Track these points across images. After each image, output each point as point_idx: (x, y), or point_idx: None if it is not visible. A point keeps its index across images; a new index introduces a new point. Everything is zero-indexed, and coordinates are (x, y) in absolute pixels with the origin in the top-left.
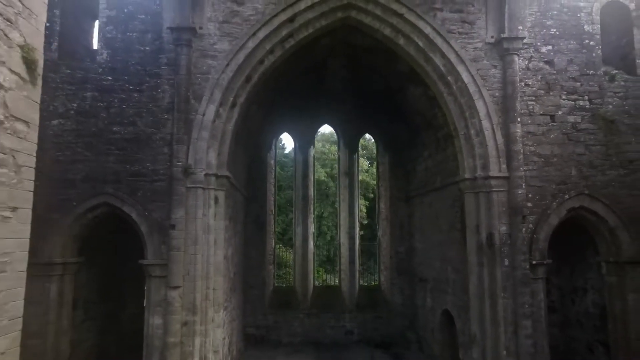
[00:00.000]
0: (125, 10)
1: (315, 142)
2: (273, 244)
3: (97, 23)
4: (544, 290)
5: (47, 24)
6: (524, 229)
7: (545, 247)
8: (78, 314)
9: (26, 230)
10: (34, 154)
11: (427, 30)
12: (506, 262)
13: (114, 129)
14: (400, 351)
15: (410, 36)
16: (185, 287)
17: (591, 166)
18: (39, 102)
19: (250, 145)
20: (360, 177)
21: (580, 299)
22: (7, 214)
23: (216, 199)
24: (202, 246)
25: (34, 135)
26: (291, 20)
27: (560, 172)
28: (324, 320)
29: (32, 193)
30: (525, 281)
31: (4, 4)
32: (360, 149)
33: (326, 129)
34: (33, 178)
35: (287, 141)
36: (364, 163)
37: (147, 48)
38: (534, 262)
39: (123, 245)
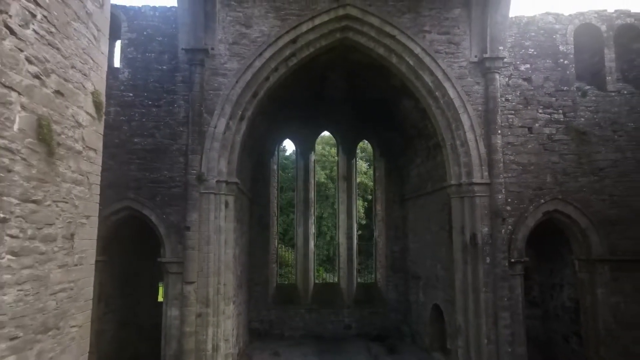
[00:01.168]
0: (145, 33)
1: (316, 146)
2: (276, 244)
3: (119, 44)
4: (521, 285)
5: None
6: (503, 230)
7: (523, 247)
8: (100, 307)
9: (95, 232)
10: (99, 174)
11: (417, 50)
12: (487, 260)
13: (135, 140)
14: (395, 343)
15: (402, 55)
16: (199, 283)
17: (565, 173)
18: (102, 133)
19: (255, 152)
20: (359, 179)
21: (558, 294)
22: (84, 221)
23: (226, 203)
24: (214, 246)
25: (99, 160)
26: (294, 41)
27: (537, 179)
28: (324, 315)
29: (98, 204)
30: (504, 277)
31: (81, 63)
32: (359, 151)
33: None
34: (99, 193)
35: (288, 144)
36: (362, 165)
37: (164, 67)
38: (512, 260)
39: (140, 246)
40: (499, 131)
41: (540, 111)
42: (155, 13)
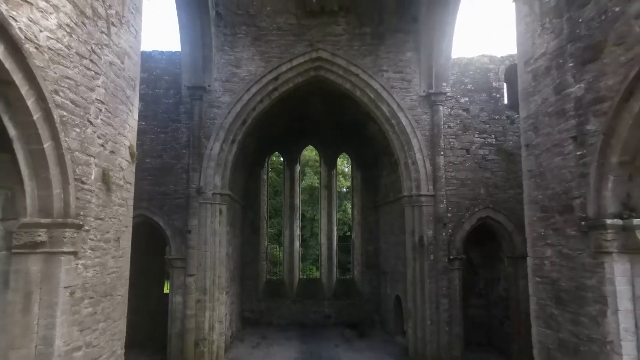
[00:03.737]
0: (154, 73)
1: (309, 152)
2: (265, 244)
3: None
4: (459, 277)
5: None
6: (444, 233)
7: (461, 246)
8: None
9: (130, 236)
10: (132, 198)
11: (377, 86)
12: (431, 257)
13: (147, 160)
14: (366, 329)
15: (364, 90)
16: (198, 275)
17: (495, 187)
18: (134, 171)
19: (246, 165)
20: (348, 183)
21: (497, 286)
22: (124, 229)
23: (220, 211)
24: (210, 245)
25: (132, 189)
26: (275, 79)
27: (473, 191)
28: (307, 306)
29: (132, 218)
30: (444, 271)
31: (122, 129)
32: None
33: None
34: (132, 210)
35: None
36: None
37: (170, 101)
38: (451, 257)
39: (150, 246)
40: (442, 152)
41: (476, 136)
42: (163, 57)
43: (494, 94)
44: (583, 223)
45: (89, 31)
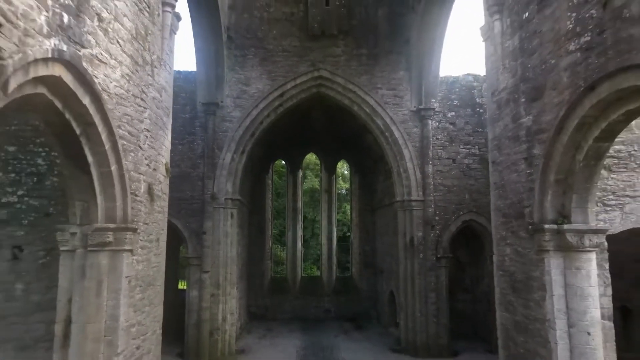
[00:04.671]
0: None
1: (310, 154)
2: (270, 244)
3: None
4: (446, 274)
5: None
6: (432, 234)
7: (447, 246)
8: None
9: (165, 237)
10: (167, 206)
11: (372, 102)
12: (421, 256)
13: None
14: (363, 323)
15: (361, 105)
16: (212, 272)
17: (479, 193)
18: (168, 184)
19: (254, 171)
20: (347, 185)
21: (481, 282)
22: (162, 232)
23: (232, 215)
24: (223, 245)
25: (167, 198)
26: (281, 95)
27: (458, 197)
28: (308, 302)
29: (167, 222)
30: (432, 268)
31: (160, 149)
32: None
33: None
34: (167, 217)
35: None
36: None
37: (186, 115)
38: (438, 256)
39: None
40: (431, 162)
41: (461, 147)
42: (180, 76)
43: (478, 109)
44: (530, 227)
45: (140, 76)
